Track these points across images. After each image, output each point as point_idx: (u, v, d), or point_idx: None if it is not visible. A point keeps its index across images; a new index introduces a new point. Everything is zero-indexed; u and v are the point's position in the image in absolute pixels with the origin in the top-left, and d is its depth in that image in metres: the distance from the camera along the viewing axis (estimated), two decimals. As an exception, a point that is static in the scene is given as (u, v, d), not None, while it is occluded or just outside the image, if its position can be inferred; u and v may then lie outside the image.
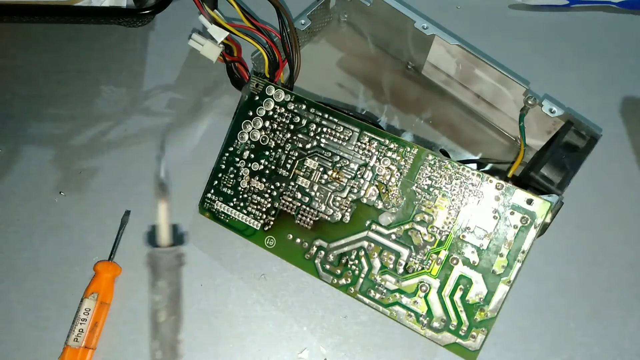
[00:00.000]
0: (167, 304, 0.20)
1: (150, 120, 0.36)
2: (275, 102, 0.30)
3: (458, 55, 0.33)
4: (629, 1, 0.39)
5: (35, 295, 0.31)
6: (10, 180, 0.34)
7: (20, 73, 0.38)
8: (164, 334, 0.19)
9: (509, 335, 0.30)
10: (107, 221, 0.33)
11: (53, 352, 0.30)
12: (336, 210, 0.28)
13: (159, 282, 0.20)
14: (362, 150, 0.28)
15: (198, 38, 0.33)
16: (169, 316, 0.19)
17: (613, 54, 0.38)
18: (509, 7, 0.40)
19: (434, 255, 0.27)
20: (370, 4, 0.34)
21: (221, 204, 0.30)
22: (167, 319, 0.19)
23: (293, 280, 0.31)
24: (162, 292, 0.20)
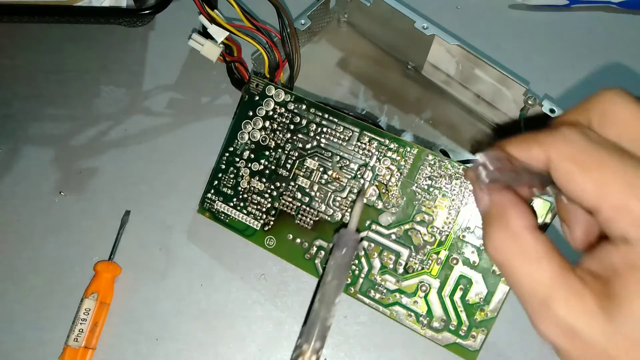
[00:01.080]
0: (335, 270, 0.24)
1: (150, 120, 0.36)
2: (275, 102, 0.30)
3: (458, 55, 0.33)
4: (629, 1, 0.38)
5: (35, 295, 0.31)
6: (10, 180, 0.34)
7: (20, 73, 0.38)
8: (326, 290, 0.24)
9: (509, 335, 0.30)
10: (107, 221, 0.33)
11: (53, 352, 0.30)
12: (336, 210, 0.28)
13: (337, 252, 0.24)
14: (362, 150, 0.28)
15: (198, 38, 0.33)
16: (333, 279, 0.24)
17: (613, 54, 0.38)
18: (509, 7, 0.40)
19: (434, 255, 0.27)
20: (370, 4, 0.34)
21: (221, 204, 0.30)
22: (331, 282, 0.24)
23: (293, 280, 0.31)
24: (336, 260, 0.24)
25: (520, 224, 0.18)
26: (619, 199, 0.16)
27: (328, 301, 0.24)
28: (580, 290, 0.16)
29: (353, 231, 0.25)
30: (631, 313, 0.15)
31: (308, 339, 0.23)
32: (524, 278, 0.17)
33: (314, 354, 0.23)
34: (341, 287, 0.24)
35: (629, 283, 0.15)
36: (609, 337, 0.15)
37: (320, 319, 0.23)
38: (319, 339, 0.23)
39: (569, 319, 0.16)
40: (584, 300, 0.16)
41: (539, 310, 0.17)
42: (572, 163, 0.17)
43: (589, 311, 0.16)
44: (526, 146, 0.18)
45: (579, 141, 0.17)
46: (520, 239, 0.18)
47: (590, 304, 0.16)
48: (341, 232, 0.25)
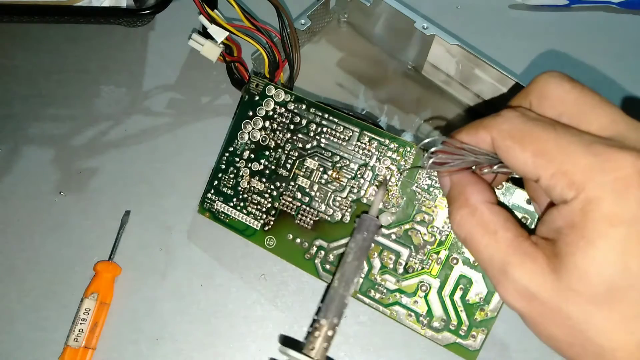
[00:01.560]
0: (356, 251, 0.25)
1: (150, 120, 0.36)
2: (275, 102, 0.30)
3: (458, 55, 0.33)
4: (629, 1, 0.39)
5: (35, 295, 0.31)
6: (10, 180, 0.34)
7: (20, 73, 0.38)
8: (346, 270, 0.25)
9: (509, 335, 0.30)
10: (107, 221, 0.33)
11: (53, 352, 0.30)
12: (336, 210, 0.28)
13: (358, 235, 0.25)
14: (362, 150, 0.28)
15: (198, 38, 0.33)
16: (353, 260, 0.25)
17: (613, 54, 0.38)
18: (509, 7, 0.40)
19: (434, 255, 0.27)
20: (370, 4, 0.34)
21: (221, 204, 0.30)
22: (351, 262, 0.25)
23: (293, 280, 0.31)
24: (357, 242, 0.25)
25: (478, 199, 0.20)
26: (555, 166, 0.17)
27: (347, 280, 0.25)
28: (533, 253, 0.18)
29: (374, 217, 0.26)
30: (574, 266, 0.16)
31: (326, 314, 0.24)
32: (484, 249, 0.19)
33: (331, 329, 0.24)
34: (360, 268, 0.25)
35: (571, 240, 0.17)
36: (559, 292, 0.17)
37: (338, 295, 0.25)
38: (336, 315, 0.24)
39: (524, 281, 0.17)
40: (536, 262, 0.17)
41: (499, 277, 0.18)
42: (511, 140, 0.18)
43: (541, 271, 0.17)
44: (474, 131, 0.20)
45: (516, 120, 0.18)
46: (478, 212, 0.20)
47: (542, 264, 0.17)
48: (363, 217, 0.26)
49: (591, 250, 0.16)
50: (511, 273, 0.18)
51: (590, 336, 0.17)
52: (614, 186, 0.16)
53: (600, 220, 0.16)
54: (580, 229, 0.16)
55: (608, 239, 0.16)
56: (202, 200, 0.31)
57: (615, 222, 0.16)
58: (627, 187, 0.16)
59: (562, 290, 0.17)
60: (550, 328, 0.18)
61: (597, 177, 0.16)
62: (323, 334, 0.24)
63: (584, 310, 0.16)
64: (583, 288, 0.16)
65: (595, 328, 0.16)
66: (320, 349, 0.24)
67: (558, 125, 0.18)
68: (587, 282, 0.16)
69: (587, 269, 0.16)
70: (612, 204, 0.16)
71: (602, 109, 0.18)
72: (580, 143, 0.17)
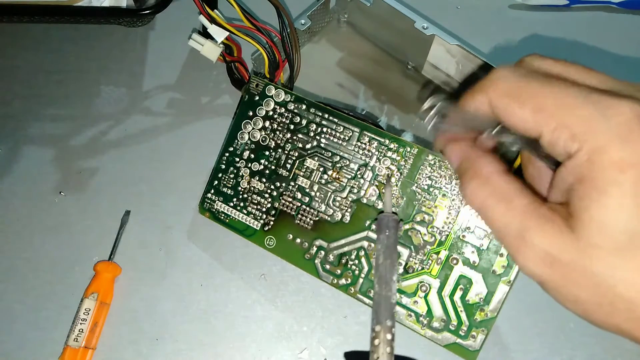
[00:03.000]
0: (385, 251, 0.25)
1: (150, 120, 0.36)
2: (275, 102, 0.30)
3: (458, 55, 0.33)
4: (629, 1, 0.39)
5: (35, 295, 0.31)
6: (10, 180, 0.34)
7: (20, 73, 0.38)
8: (382, 271, 0.25)
9: (509, 335, 0.30)
10: (107, 221, 0.33)
11: (53, 352, 0.30)
12: (336, 210, 0.28)
13: (381, 235, 0.26)
14: (362, 150, 0.28)
15: (198, 38, 0.33)
16: (385, 260, 0.25)
17: (613, 54, 0.38)
18: (509, 7, 0.40)
19: (434, 255, 0.27)
20: (370, 4, 0.34)
21: (221, 204, 0.30)
22: (384, 262, 0.25)
23: (293, 280, 0.31)
24: (382, 242, 0.25)
25: (490, 169, 0.19)
26: (555, 120, 0.17)
27: (387, 280, 0.25)
28: (550, 216, 0.17)
29: (390, 213, 0.26)
30: (591, 220, 0.16)
31: (379, 319, 0.24)
32: (500, 217, 0.19)
33: (388, 332, 0.24)
34: (394, 264, 0.25)
35: (583, 194, 0.16)
36: (581, 250, 0.16)
37: (383, 297, 0.25)
38: (388, 317, 0.24)
39: (544, 245, 0.17)
40: (555, 224, 0.17)
41: (517, 245, 0.18)
42: (509, 98, 0.18)
43: (560, 233, 0.17)
44: (471, 96, 0.19)
45: (511, 77, 0.18)
46: (491, 182, 0.19)
47: (561, 226, 0.17)
48: (380, 217, 0.26)
49: (604, 199, 0.15)
50: (530, 238, 0.17)
51: (619, 291, 0.16)
52: (617, 131, 0.16)
53: (608, 167, 0.15)
54: (590, 180, 0.16)
55: (620, 185, 0.15)
56: (202, 200, 0.31)
57: (624, 167, 0.15)
58: (630, 131, 0.15)
59: (583, 247, 0.16)
60: (576, 290, 0.17)
61: (599, 125, 0.16)
62: (383, 340, 0.24)
63: (609, 264, 0.16)
64: (604, 240, 0.16)
65: (623, 281, 0.16)
66: (385, 355, 0.24)
67: (554, 78, 0.18)
68: (606, 233, 0.16)
69: (604, 219, 0.16)
70: (618, 150, 0.15)
71: (588, 74, 0.18)
72: (579, 94, 0.17)
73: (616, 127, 0.16)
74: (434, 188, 0.27)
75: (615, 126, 0.16)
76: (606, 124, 0.16)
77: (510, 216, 0.18)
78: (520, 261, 0.18)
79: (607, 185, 0.15)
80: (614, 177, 0.15)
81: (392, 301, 0.25)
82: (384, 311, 0.24)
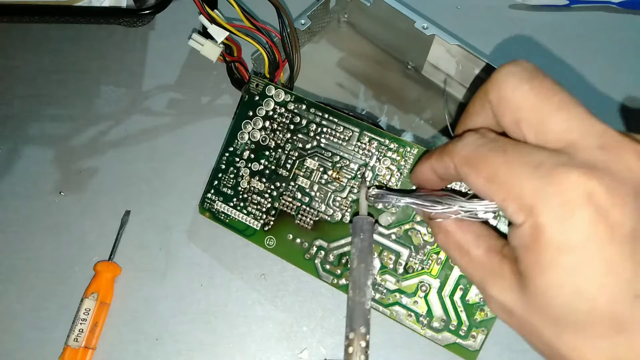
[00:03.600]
0: (358, 255, 0.25)
1: (150, 120, 0.36)
2: (275, 102, 0.30)
3: (458, 55, 0.33)
4: (629, 1, 0.39)
5: (35, 295, 0.31)
6: (10, 180, 0.34)
7: (20, 73, 0.38)
8: (355, 276, 0.25)
9: (509, 335, 0.30)
10: (107, 221, 0.33)
11: (53, 352, 0.30)
12: (336, 210, 0.28)
13: (355, 239, 0.25)
14: (362, 150, 0.28)
15: (198, 38, 0.33)
16: (359, 264, 0.25)
17: (613, 54, 0.38)
18: (509, 7, 0.40)
19: (434, 255, 0.27)
20: (370, 4, 0.34)
21: (221, 204, 0.30)
22: (357, 267, 0.25)
23: (293, 280, 0.31)
24: (356, 246, 0.25)
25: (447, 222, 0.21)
26: (504, 191, 0.17)
27: (360, 285, 0.24)
28: (501, 271, 0.18)
29: (365, 215, 0.26)
30: (535, 289, 0.17)
31: (352, 326, 0.24)
32: (464, 269, 0.20)
33: (362, 339, 0.24)
34: (369, 269, 0.25)
35: (528, 262, 0.17)
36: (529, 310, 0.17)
37: (357, 304, 0.24)
38: (362, 324, 0.24)
39: (500, 298, 0.18)
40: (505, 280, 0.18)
41: (482, 293, 0.19)
42: (468, 166, 0.18)
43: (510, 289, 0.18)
44: (440, 158, 0.20)
45: (473, 144, 0.18)
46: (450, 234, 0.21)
47: (511, 282, 0.18)
48: (355, 220, 0.26)
49: (546, 277, 0.16)
50: (488, 290, 0.19)
51: (563, 354, 0.17)
52: (559, 211, 0.15)
53: (549, 247, 0.16)
54: (534, 254, 0.16)
55: (558, 267, 0.16)
56: (202, 200, 0.31)
57: (563, 249, 0.15)
58: (572, 210, 0.15)
59: (530, 308, 0.17)
60: (531, 341, 0.18)
61: (543, 202, 0.16)
62: (356, 347, 0.23)
63: (552, 330, 0.17)
64: (547, 310, 0.16)
65: (566, 346, 0.17)
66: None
67: (509, 147, 0.17)
68: (548, 305, 0.16)
69: (546, 293, 0.16)
70: (559, 232, 0.15)
71: (559, 115, 0.17)
72: (529, 166, 0.16)
73: (558, 206, 0.15)
74: (434, 188, 0.27)
75: (558, 205, 0.15)
76: (549, 202, 0.16)
77: (471, 269, 0.20)
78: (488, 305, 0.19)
79: (547, 265, 0.16)
80: (554, 258, 0.16)
81: (366, 307, 0.24)
82: (357, 318, 0.24)
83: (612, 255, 0.15)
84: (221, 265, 0.32)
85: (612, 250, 0.15)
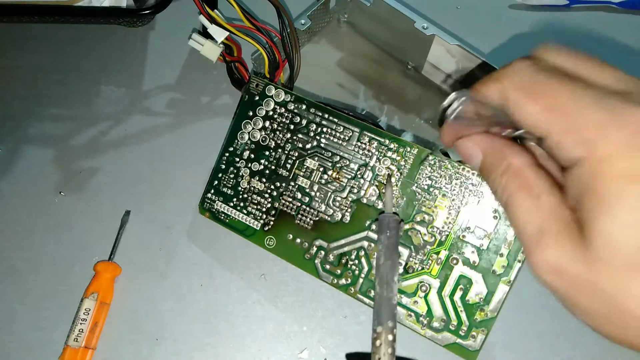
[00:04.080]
0: (385, 252, 0.25)
1: (150, 120, 0.36)
2: (275, 102, 0.30)
3: (458, 55, 0.33)
4: (629, 1, 0.38)
5: (35, 295, 0.31)
6: (10, 180, 0.34)
7: (20, 73, 0.38)
8: (383, 272, 0.25)
9: (509, 335, 0.30)
10: (107, 221, 0.33)
11: (53, 352, 0.30)
12: (336, 210, 0.28)
13: (381, 236, 0.26)
14: (362, 150, 0.28)
15: (198, 38, 0.33)
16: (386, 261, 0.25)
17: (613, 54, 0.38)
18: (509, 7, 0.40)
19: (434, 255, 0.27)
20: (370, 4, 0.34)
21: (221, 204, 0.30)
22: (384, 263, 0.25)
23: (293, 280, 0.31)
24: (383, 243, 0.26)
25: (521, 161, 0.18)
26: (566, 121, 0.16)
27: (388, 281, 0.25)
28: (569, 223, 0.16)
29: (391, 213, 0.26)
30: (599, 234, 0.15)
31: (380, 320, 0.24)
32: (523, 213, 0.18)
33: (390, 333, 0.24)
34: (395, 266, 0.25)
35: (590, 206, 0.15)
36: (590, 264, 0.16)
37: (384, 299, 0.25)
38: (390, 318, 0.24)
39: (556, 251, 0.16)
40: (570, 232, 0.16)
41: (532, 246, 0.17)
42: (521, 91, 0.17)
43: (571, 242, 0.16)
44: (485, 84, 0.19)
45: (527, 70, 0.17)
46: (522, 174, 0.18)
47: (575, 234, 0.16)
48: (381, 217, 0.26)
49: (612, 212, 0.15)
50: (545, 242, 0.17)
51: (629, 308, 0.15)
52: (628, 141, 0.15)
53: (616, 178, 0.15)
54: (597, 192, 0.15)
55: (628, 198, 0.14)
56: (202, 200, 0.31)
57: (631, 178, 0.14)
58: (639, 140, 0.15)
59: (592, 261, 0.15)
60: (585, 303, 0.16)
61: (611, 133, 0.15)
62: (384, 341, 0.24)
63: (618, 280, 0.15)
64: (613, 256, 0.15)
65: (633, 298, 0.15)
66: (387, 355, 0.24)
67: (571, 78, 0.17)
68: (615, 248, 0.15)
69: (612, 233, 0.15)
70: (628, 159, 0.15)
71: (603, 70, 0.17)
72: (594, 97, 0.16)
73: (628, 136, 0.15)
74: (434, 188, 0.27)
75: (627, 135, 0.15)
76: (618, 132, 0.15)
77: (534, 214, 0.17)
78: (532, 264, 0.17)
79: (615, 198, 0.15)
80: (622, 188, 0.15)
81: (393, 302, 0.25)
82: (385, 312, 0.24)
83: None
84: (221, 265, 0.32)
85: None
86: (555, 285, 0.17)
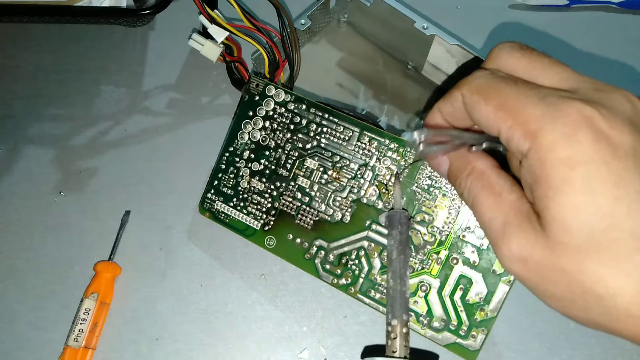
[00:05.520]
0: (398, 246, 0.26)
1: (150, 120, 0.36)
2: (275, 102, 0.30)
3: (458, 55, 0.33)
4: (629, 1, 0.39)
5: (35, 295, 0.31)
6: (10, 180, 0.34)
7: (20, 73, 0.38)
8: (396, 266, 0.25)
9: (509, 335, 0.30)
10: (107, 221, 0.33)
11: (53, 352, 0.30)
12: (336, 210, 0.28)
13: (393, 231, 0.26)
14: (362, 150, 0.28)
15: (198, 38, 0.33)
16: (399, 255, 0.25)
17: (613, 54, 0.38)
18: (509, 7, 0.40)
19: (434, 255, 0.27)
20: (370, 4, 0.34)
21: (221, 204, 0.30)
22: (397, 258, 0.25)
23: (293, 280, 0.31)
24: (394, 238, 0.26)
25: (484, 164, 0.20)
26: (512, 117, 0.18)
27: (401, 275, 0.25)
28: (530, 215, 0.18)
29: (400, 209, 0.27)
30: (553, 219, 0.17)
31: (394, 314, 0.25)
32: (487, 210, 0.19)
33: (404, 326, 0.25)
34: (407, 260, 0.26)
35: (540, 194, 0.17)
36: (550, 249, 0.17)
37: (398, 292, 0.25)
38: (403, 311, 0.25)
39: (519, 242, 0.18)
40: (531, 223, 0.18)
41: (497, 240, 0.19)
42: (477, 95, 0.19)
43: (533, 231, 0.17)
44: (448, 95, 0.21)
45: (484, 77, 0.19)
46: (485, 176, 0.20)
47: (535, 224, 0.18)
48: (391, 214, 0.27)
49: (561, 198, 0.16)
50: (508, 234, 0.18)
51: (588, 287, 0.16)
52: (563, 131, 0.16)
53: (558, 165, 0.16)
54: (544, 179, 0.17)
55: (571, 183, 0.16)
56: (202, 200, 0.31)
57: (572, 164, 0.16)
58: (575, 130, 0.16)
59: (551, 245, 0.17)
60: (551, 287, 0.18)
61: (548, 125, 0.17)
62: (399, 333, 0.25)
63: (575, 261, 0.16)
64: (567, 238, 0.16)
65: (590, 277, 0.16)
66: (402, 348, 0.24)
67: (520, 81, 0.19)
68: (568, 231, 0.16)
69: (564, 217, 0.16)
70: (565, 147, 0.16)
71: (552, 70, 0.19)
72: (536, 96, 0.17)
73: (563, 127, 0.16)
74: (434, 188, 0.27)
75: (562, 126, 0.16)
76: (558, 122, 0.17)
77: (497, 210, 0.19)
78: (500, 256, 0.19)
79: (560, 183, 0.16)
80: (564, 174, 0.16)
81: (406, 295, 0.25)
82: (400, 305, 0.25)
83: (618, 169, 0.16)
84: (221, 265, 0.32)
85: (617, 165, 0.16)
86: (523, 274, 0.18)
